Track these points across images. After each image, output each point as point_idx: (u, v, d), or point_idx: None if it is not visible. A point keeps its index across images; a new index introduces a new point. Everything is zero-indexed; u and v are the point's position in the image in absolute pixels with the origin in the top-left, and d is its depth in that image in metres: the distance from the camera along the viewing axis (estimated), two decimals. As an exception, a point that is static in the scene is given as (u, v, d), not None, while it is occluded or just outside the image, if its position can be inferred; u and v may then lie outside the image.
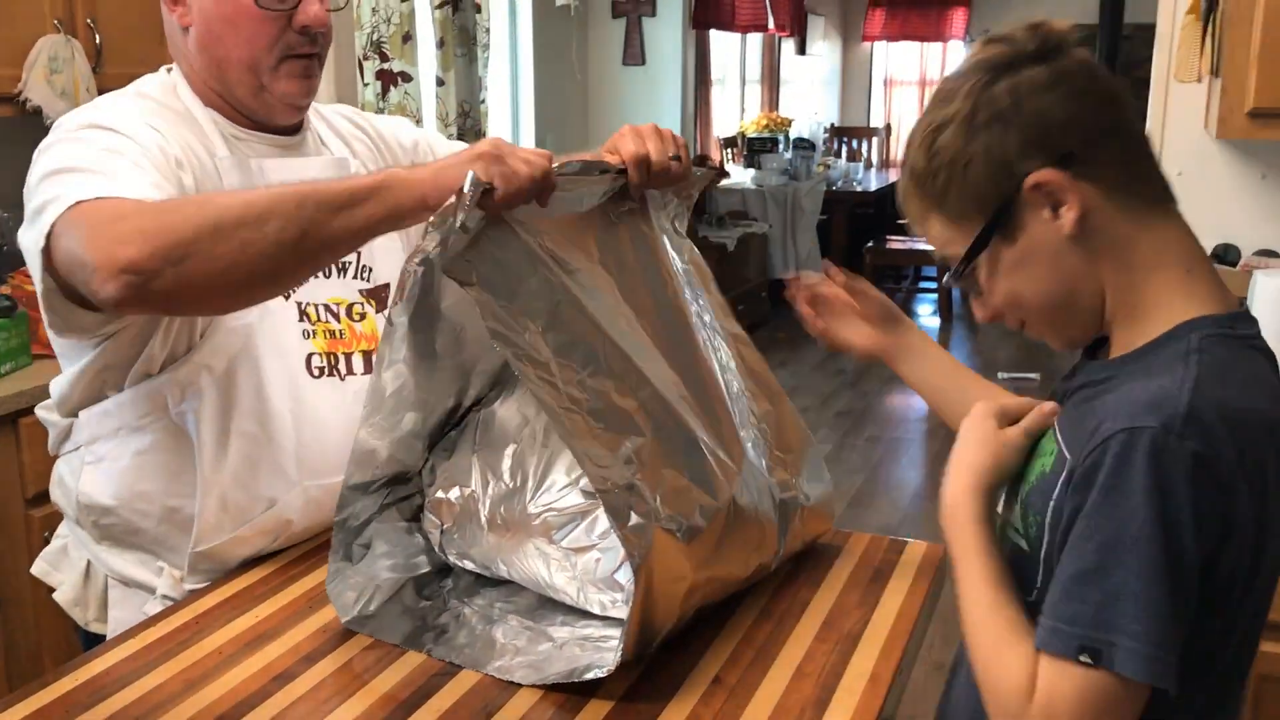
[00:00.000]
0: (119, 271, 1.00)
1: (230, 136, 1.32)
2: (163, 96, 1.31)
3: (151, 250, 1.00)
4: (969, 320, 7.52)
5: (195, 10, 1.28)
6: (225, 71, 1.29)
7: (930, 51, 10.68)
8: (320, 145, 1.42)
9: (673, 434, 1.11)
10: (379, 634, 1.15)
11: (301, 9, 1.28)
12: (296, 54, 1.30)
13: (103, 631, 1.34)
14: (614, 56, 5.68)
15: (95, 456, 1.31)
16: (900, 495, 4.45)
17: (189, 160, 1.25)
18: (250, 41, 1.27)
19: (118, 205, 1.06)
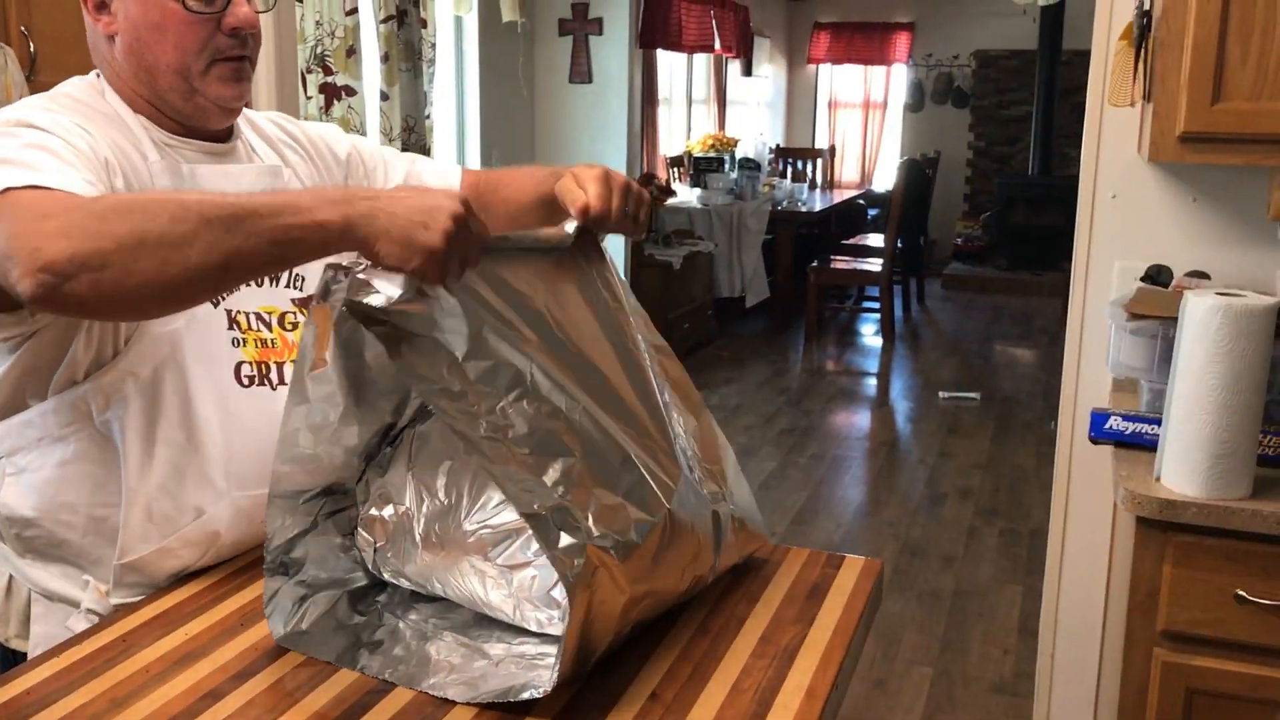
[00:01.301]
0: (37, 270, 0.98)
1: (160, 142, 1.30)
2: (88, 99, 1.29)
3: (71, 254, 0.98)
4: (911, 340, 7.61)
5: (121, 18, 1.26)
6: (155, 77, 1.27)
7: (874, 75, 10.84)
8: (251, 152, 1.40)
9: (605, 452, 1.10)
10: (312, 651, 1.13)
11: (230, 11, 1.27)
12: (227, 57, 1.28)
13: (23, 649, 1.30)
14: (561, 74, 5.69)
15: (16, 468, 1.28)
16: (842, 512, 4.48)
17: (120, 162, 1.23)
18: (179, 46, 1.26)
19: (47, 200, 1.04)
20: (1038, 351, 7.30)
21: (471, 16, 5.02)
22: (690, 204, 7.52)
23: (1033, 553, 4.00)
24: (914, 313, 8.39)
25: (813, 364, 6.96)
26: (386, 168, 1.56)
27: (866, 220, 9.70)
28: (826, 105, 11.09)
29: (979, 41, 10.22)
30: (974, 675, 3.19)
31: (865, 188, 10.45)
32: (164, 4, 1.24)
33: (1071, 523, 2.55)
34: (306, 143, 1.49)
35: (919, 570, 3.89)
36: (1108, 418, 1.97)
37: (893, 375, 6.79)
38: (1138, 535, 1.78)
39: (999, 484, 4.79)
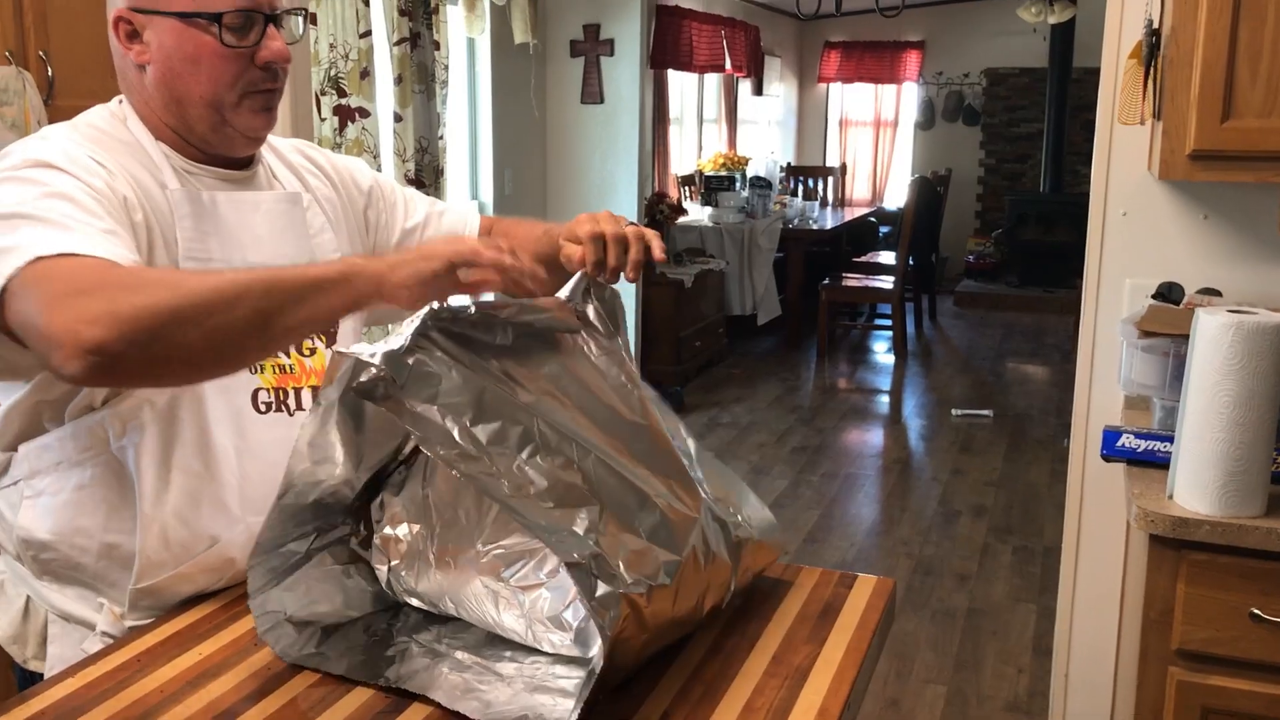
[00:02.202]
0: (85, 353, 1.00)
1: (181, 170, 1.31)
2: (110, 128, 1.30)
3: (119, 334, 1.00)
4: (924, 357, 7.60)
5: (155, 48, 1.27)
6: (185, 108, 1.28)
7: (885, 93, 10.86)
8: (271, 178, 1.41)
9: (623, 496, 1.11)
10: (324, 667, 1.14)
11: (264, 45, 1.28)
12: (258, 89, 1.30)
13: (41, 669, 1.31)
14: (572, 94, 5.71)
15: (34, 491, 1.29)
16: (855, 530, 4.47)
17: (138, 197, 1.24)
18: (213, 79, 1.27)
19: (79, 272, 1.05)
20: (1050, 368, 7.28)
21: (484, 38, 5.06)
22: (702, 222, 7.54)
23: (1046, 571, 3.98)
24: (926, 330, 8.38)
25: (825, 382, 6.96)
26: (407, 204, 1.58)
27: (878, 238, 9.70)
28: (837, 123, 11.11)
29: (989, 59, 10.24)
30: (988, 694, 3.17)
31: (876, 205, 10.45)
32: (198, 37, 1.25)
33: (1085, 541, 2.55)
34: (331, 171, 1.50)
35: (932, 588, 3.88)
36: (1120, 435, 1.97)
37: (905, 393, 6.78)
38: (1151, 553, 1.77)
39: (1012, 502, 4.77)
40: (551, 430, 1.10)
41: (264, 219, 1.34)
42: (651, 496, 1.13)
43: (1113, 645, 2.48)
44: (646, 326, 5.93)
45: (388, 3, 4.21)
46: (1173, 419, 1.90)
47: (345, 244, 1.46)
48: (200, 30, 1.25)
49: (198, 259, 1.27)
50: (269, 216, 1.35)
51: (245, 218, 1.32)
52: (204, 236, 1.28)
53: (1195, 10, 1.92)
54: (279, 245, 1.35)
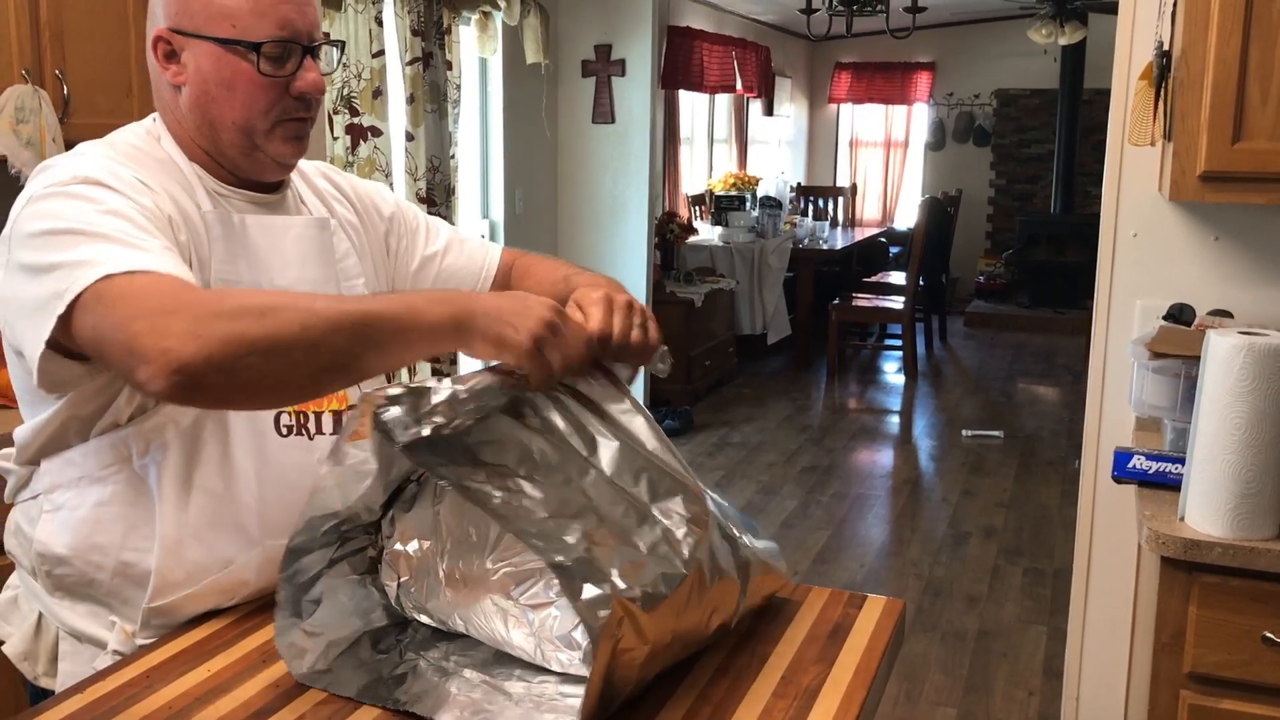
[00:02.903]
0: (172, 371, 1.01)
1: (213, 191, 1.31)
2: (146, 146, 1.30)
3: (208, 356, 1.01)
4: (934, 378, 7.58)
5: (192, 70, 1.27)
6: (218, 131, 1.29)
7: (895, 114, 10.88)
8: (299, 203, 1.42)
9: (623, 513, 1.11)
10: (333, 688, 1.14)
11: (299, 75, 1.28)
12: (291, 118, 1.30)
13: (52, 686, 1.31)
14: (584, 114, 5.74)
15: (54, 505, 1.29)
16: (865, 551, 4.46)
17: (180, 217, 1.24)
18: (247, 105, 1.27)
19: (159, 291, 1.06)
20: (1061, 389, 7.26)
21: (496, 58, 5.09)
22: (712, 242, 7.55)
23: (1057, 593, 3.96)
24: (936, 350, 8.37)
25: (835, 402, 6.95)
26: (429, 230, 1.58)
27: (888, 258, 9.71)
28: (848, 144, 11.14)
29: (1000, 81, 10.26)
30: (998, 717, 3.15)
31: (887, 225, 10.47)
32: (236, 63, 1.26)
33: (1096, 563, 2.54)
34: (354, 197, 1.51)
35: (942, 610, 3.86)
36: (1131, 457, 1.96)
37: (915, 413, 6.76)
38: (1162, 576, 1.77)
39: (1023, 523, 4.75)
40: (553, 450, 1.11)
41: (293, 244, 1.34)
42: (654, 512, 1.13)
43: (1124, 668, 2.47)
44: (656, 346, 5.93)
45: (401, 23, 4.24)
46: (1184, 440, 1.89)
47: (369, 269, 1.46)
48: (238, 57, 1.26)
49: (227, 280, 1.27)
50: (298, 241, 1.35)
51: (274, 241, 1.33)
52: (234, 259, 1.28)
53: (1206, 32, 1.93)
54: (306, 269, 1.35)
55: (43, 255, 1.12)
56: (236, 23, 1.25)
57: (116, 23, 2.70)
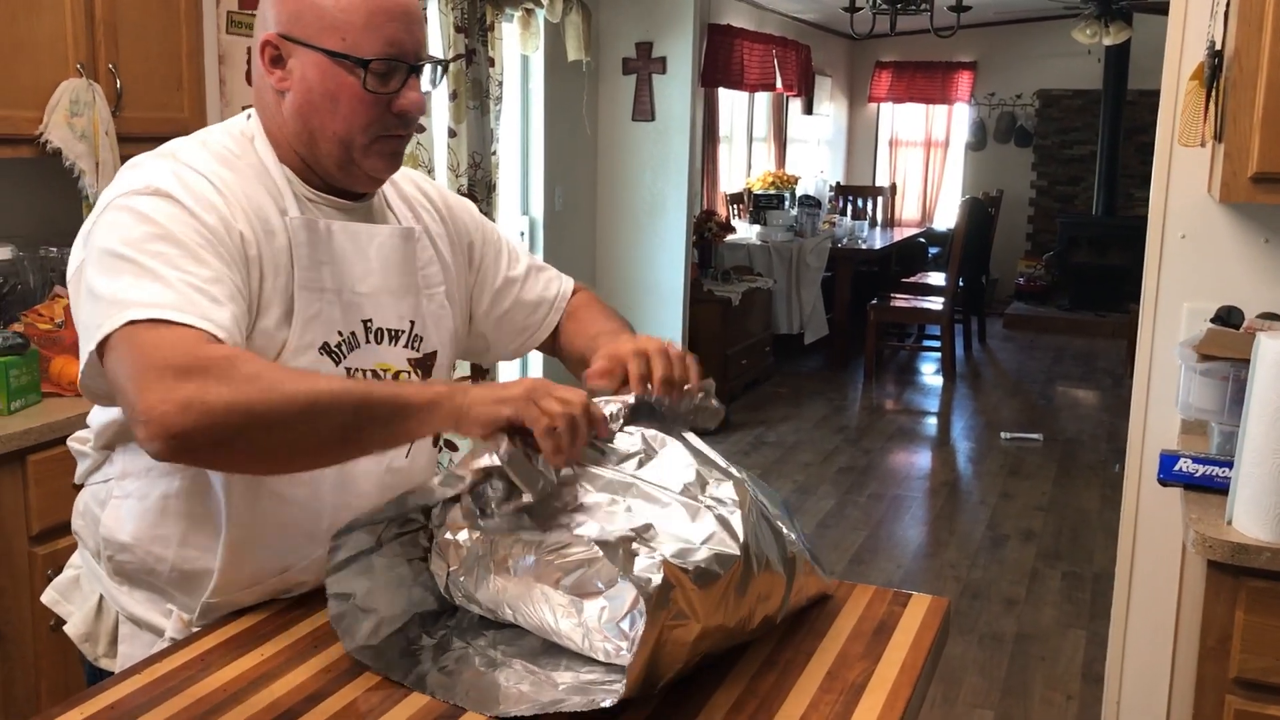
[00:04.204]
0: (168, 437, 1.05)
1: (302, 196, 1.32)
2: (239, 148, 1.31)
3: (205, 427, 1.05)
4: (972, 380, 7.54)
5: (297, 78, 1.28)
6: (317, 141, 1.29)
7: (936, 113, 10.81)
8: (386, 210, 1.42)
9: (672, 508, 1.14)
10: (384, 670, 1.15)
11: (403, 94, 1.29)
12: (390, 134, 1.31)
13: (111, 668, 1.34)
14: (624, 112, 5.75)
15: (124, 492, 1.31)
16: (902, 553, 4.44)
17: (254, 232, 1.25)
18: (349, 120, 1.27)
19: (172, 347, 1.08)
20: (1101, 393, 7.19)
21: (538, 55, 5.10)
22: (750, 240, 7.54)
23: (1096, 597, 3.93)
24: (975, 352, 8.32)
25: (872, 402, 6.92)
26: (510, 253, 1.59)
27: (927, 258, 9.65)
28: (887, 143, 11.08)
29: (1042, 81, 10.17)
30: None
31: (926, 226, 10.41)
32: (342, 77, 1.26)
33: (1139, 566, 2.52)
34: (442, 207, 1.51)
35: (980, 612, 3.84)
36: (1177, 459, 1.94)
37: (953, 415, 6.73)
38: (1209, 580, 1.75)
39: (1062, 526, 4.72)
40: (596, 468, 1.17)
41: (377, 252, 1.35)
42: (703, 507, 1.14)
43: (1166, 673, 2.44)
44: (693, 344, 5.94)
45: (445, 19, 4.26)
46: (1231, 444, 1.87)
47: (450, 279, 1.47)
48: (345, 71, 1.26)
49: (310, 288, 1.28)
50: (382, 250, 1.36)
51: (360, 249, 1.33)
52: (318, 265, 1.29)
53: (1260, 32, 1.91)
54: (389, 278, 1.36)
55: (98, 278, 1.15)
56: (347, 36, 1.25)
57: (168, 18, 2.74)
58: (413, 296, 1.39)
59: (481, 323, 1.56)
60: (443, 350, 1.44)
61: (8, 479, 2.14)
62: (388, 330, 1.36)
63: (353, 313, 1.32)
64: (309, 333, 1.28)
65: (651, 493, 1.17)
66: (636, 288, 5.78)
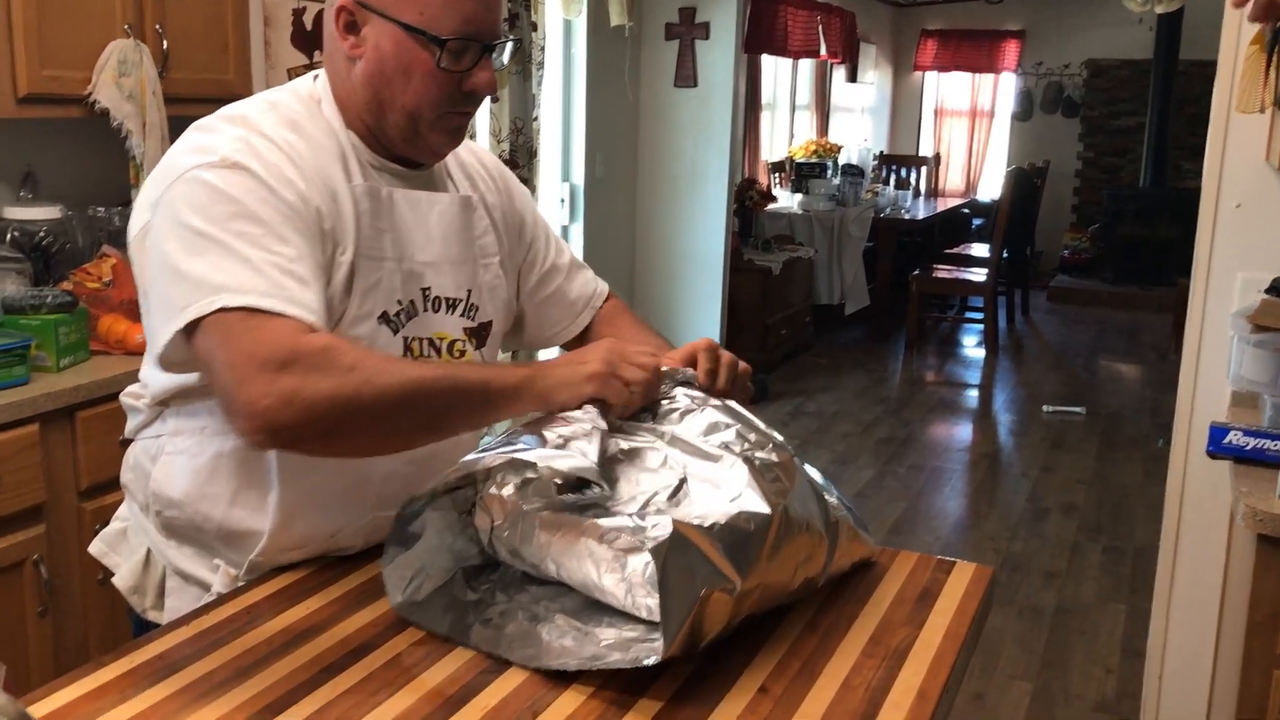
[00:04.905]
0: (269, 429, 1.08)
1: (366, 163, 1.31)
2: (307, 114, 1.30)
3: (306, 420, 1.08)
4: (1015, 352, 7.47)
5: (370, 47, 1.27)
6: (385, 112, 1.29)
7: (982, 83, 10.66)
8: (446, 178, 1.42)
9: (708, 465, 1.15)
10: (426, 623, 1.16)
11: (474, 74, 1.28)
12: (457, 111, 1.31)
13: (159, 620, 1.35)
14: (666, 78, 5.71)
15: (176, 448, 1.32)
16: (941, 524, 4.42)
17: (327, 202, 1.25)
18: (420, 94, 1.27)
19: (269, 339, 1.09)
20: (1145, 367, 7.11)
21: (580, 20, 5.07)
22: (791, 209, 7.49)
23: (1138, 571, 3.90)
24: (1018, 324, 8.23)
25: (913, 374, 6.88)
26: (556, 242, 1.59)
27: (970, 229, 9.55)
28: (932, 112, 10.95)
29: (1091, 50, 10.00)
30: (1075, 693, 3.12)
31: (970, 196, 10.29)
32: (417, 52, 1.25)
33: (1184, 540, 2.49)
34: (499, 178, 1.51)
35: (1019, 585, 3.82)
36: (1227, 432, 1.91)
37: (995, 387, 6.67)
38: (1259, 553, 1.73)
39: (1104, 500, 4.67)
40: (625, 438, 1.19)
41: (437, 220, 1.35)
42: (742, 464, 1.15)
43: (1210, 648, 2.42)
44: (733, 314, 5.92)
45: (488, -17, 4.25)
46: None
47: (504, 251, 1.47)
48: (420, 46, 1.25)
49: (372, 256, 1.28)
50: (443, 218, 1.36)
51: (420, 217, 1.33)
52: (379, 234, 1.29)
53: (1324, -6, 1.85)
54: (448, 247, 1.36)
55: (178, 254, 1.15)
56: (425, 11, 1.24)
57: (215, -21, 2.74)
58: (470, 266, 1.39)
59: (525, 302, 1.56)
60: (497, 320, 1.44)
61: (57, 435, 2.17)
62: (445, 299, 1.37)
63: (412, 281, 1.32)
64: (368, 302, 1.28)
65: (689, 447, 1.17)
66: (676, 256, 5.76)
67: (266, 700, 1.03)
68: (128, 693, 1.04)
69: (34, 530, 2.14)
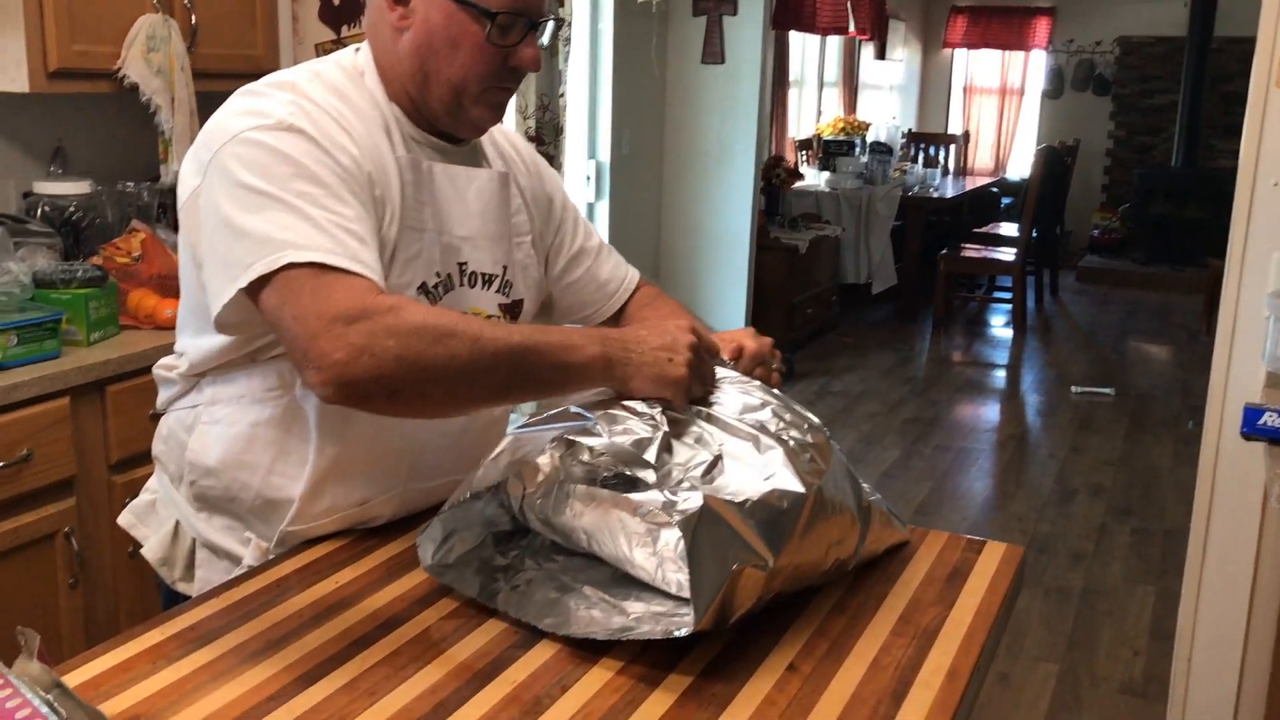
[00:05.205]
0: (339, 382, 1.07)
1: (408, 135, 1.32)
2: (351, 85, 1.30)
3: (376, 375, 1.07)
4: (1043, 333, 7.41)
5: (419, 19, 1.27)
6: (430, 84, 1.29)
7: (1012, 60, 10.55)
8: (483, 155, 1.42)
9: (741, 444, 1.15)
10: (455, 583, 1.17)
11: (520, 50, 1.28)
12: (500, 86, 1.31)
13: (188, 591, 1.36)
14: (693, 54, 5.67)
15: (212, 418, 1.32)
16: (968, 505, 4.40)
17: (377, 169, 1.25)
18: (466, 67, 1.27)
19: (340, 294, 1.09)
20: (1175, 349, 7.04)
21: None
22: (818, 187, 7.44)
23: (1167, 554, 3.87)
24: (1046, 305, 8.17)
25: (940, 354, 6.84)
26: (584, 226, 1.58)
27: (999, 209, 9.47)
28: (961, 90, 10.85)
29: (1123, 27, 9.87)
30: (1102, 675, 3.10)
31: (999, 175, 10.20)
32: (467, 25, 1.25)
33: (1215, 522, 2.46)
34: (529, 158, 1.51)
35: (1046, 566, 3.80)
36: (1262, 413, 1.89)
37: (1023, 368, 6.63)
38: (1293, 536, 1.71)
39: (1132, 482, 4.64)
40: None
41: (475, 195, 1.35)
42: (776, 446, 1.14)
43: (1241, 630, 2.40)
44: (758, 292, 5.89)
45: (515, -42, 4.22)
46: (1322, 398, 1.82)
47: (535, 231, 1.46)
48: (470, 19, 1.25)
49: (413, 227, 1.28)
50: (481, 194, 1.36)
51: (459, 191, 1.33)
52: (420, 205, 1.29)
53: (1368, -33, 1.82)
54: (485, 222, 1.36)
55: (237, 213, 1.15)
56: None
57: (243, -47, 2.74)
58: (505, 242, 1.39)
59: (554, 285, 1.55)
60: (528, 299, 1.44)
61: (87, 409, 2.18)
62: (481, 274, 1.37)
63: (450, 255, 1.33)
64: (409, 272, 1.28)
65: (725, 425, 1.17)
66: (702, 234, 5.74)
67: (297, 672, 1.04)
68: (159, 663, 1.05)
69: (65, 503, 2.16)
